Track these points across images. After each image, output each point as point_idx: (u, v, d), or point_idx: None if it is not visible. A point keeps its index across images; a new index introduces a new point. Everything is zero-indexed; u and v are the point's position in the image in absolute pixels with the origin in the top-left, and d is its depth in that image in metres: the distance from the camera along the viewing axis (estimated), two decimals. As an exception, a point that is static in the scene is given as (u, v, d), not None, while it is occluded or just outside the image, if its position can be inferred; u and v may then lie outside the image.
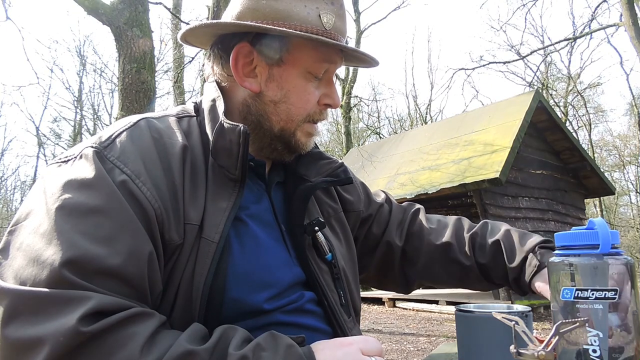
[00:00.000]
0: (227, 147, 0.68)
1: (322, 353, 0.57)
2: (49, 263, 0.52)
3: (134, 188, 0.60)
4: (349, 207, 0.95)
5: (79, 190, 0.58)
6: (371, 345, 0.60)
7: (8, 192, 18.59)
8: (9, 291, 0.51)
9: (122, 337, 0.50)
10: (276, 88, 0.73)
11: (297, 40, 0.72)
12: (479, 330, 0.64)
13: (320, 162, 0.84)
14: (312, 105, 0.75)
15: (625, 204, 22.64)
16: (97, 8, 4.42)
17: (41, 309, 0.50)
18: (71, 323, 0.48)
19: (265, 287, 0.68)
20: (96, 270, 0.53)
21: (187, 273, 0.63)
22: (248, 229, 0.71)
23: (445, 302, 7.82)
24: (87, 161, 0.61)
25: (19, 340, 0.49)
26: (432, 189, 7.34)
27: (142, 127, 0.68)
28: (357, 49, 0.75)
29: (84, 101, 18.50)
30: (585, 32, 13.49)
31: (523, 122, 7.45)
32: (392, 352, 5.05)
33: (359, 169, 10.14)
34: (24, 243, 0.55)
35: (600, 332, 0.49)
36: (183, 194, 0.65)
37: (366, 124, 22.21)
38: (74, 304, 0.49)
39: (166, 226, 0.62)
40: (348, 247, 0.90)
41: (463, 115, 10.11)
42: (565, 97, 18.61)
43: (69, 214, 0.56)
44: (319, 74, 0.74)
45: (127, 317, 0.51)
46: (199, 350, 0.51)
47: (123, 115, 4.20)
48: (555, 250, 0.57)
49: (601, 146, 22.05)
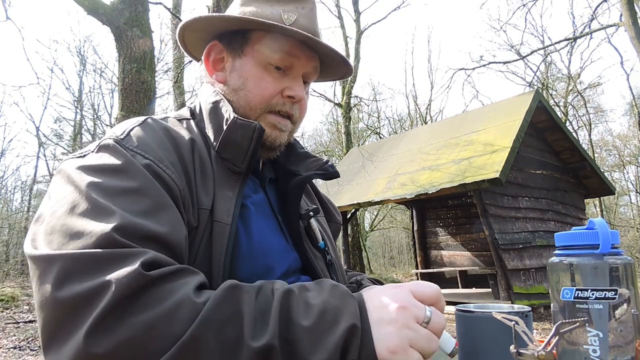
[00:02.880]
0: (237, 142, 0.74)
1: (369, 291, 0.57)
2: (97, 232, 0.52)
3: (159, 170, 0.64)
4: (332, 218, 1.04)
5: (111, 174, 0.60)
6: (422, 288, 0.58)
7: (8, 192, 18.59)
8: (59, 256, 0.51)
9: (179, 284, 0.52)
10: (237, 77, 0.81)
11: (256, 34, 0.80)
12: (479, 330, 0.64)
13: (308, 159, 0.89)
14: (269, 93, 0.79)
15: (625, 204, 22.65)
16: (97, 8, 4.42)
17: (98, 266, 0.50)
18: (134, 267, 0.50)
19: (267, 271, 0.72)
20: (144, 236, 0.55)
21: (201, 254, 0.66)
22: (252, 215, 0.75)
23: (445, 302, 7.81)
24: (110, 150, 0.64)
25: (77, 296, 0.48)
26: (432, 189, 7.34)
27: (151, 123, 0.73)
28: (319, 40, 0.78)
29: (84, 101, 18.49)
30: (586, 32, 13.49)
31: (523, 122, 7.45)
32: (392, 352, 5.03)
33: (359, 169, 10.14)
34: (57, 225, 0.55)
35: (600, 332, 0.49)
36: (195, 181, 0.69)
37: (366, 124, 22.19)
38: (132, 257, 0.51)
39: (187, 208, 0.66)
40: (333, 246, 0.94)
41: (463, 115, 10.11)
42: (565, 97, 18.60)
43: (106, 194, 0.57)
44: (280, 64, 0.79)
45: (181, 269, 0.54)
46: (246, 285, 0.54)
47: (123, 115, 4.20)
48: (556, 250, 0.57)
49: (601, 146, 22.05)
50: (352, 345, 0.50)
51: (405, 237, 20.86)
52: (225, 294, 0.52)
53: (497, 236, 7.07)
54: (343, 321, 0.51)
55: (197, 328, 0.48)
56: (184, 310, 0.49)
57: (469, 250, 9.88)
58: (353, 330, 0.51)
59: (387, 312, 0.53)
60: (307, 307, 0.53)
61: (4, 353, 4.94)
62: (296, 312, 0.52)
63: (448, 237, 10.36)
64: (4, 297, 7.73)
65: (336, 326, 0.51)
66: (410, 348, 0.52)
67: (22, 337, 5.63)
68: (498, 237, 7.07)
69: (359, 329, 0.51)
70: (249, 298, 0.52)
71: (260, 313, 0.52)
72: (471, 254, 9.81)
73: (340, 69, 0.88)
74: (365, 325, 0.52)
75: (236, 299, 0.52)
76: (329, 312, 0.52)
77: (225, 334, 0.49)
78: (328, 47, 0.79)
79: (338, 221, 1.06)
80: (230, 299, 0.52)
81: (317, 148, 20.79)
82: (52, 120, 22.42)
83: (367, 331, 0.52)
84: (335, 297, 0.54)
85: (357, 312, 0.53)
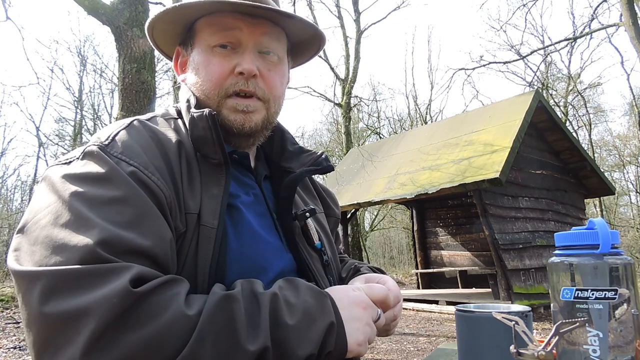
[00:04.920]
0: (202, 135, 0.72)
1: (335, 292, 0.65)
2: (80, 246, 0.52)
3: (144, 177, 0.62)
4: (331, 213, 1.01)
5: (94, 183, 0.59)
6: (376, 291, 0.69)
7: (8, 192, 18.58)
8: (42, 272, 0.50)
9: (168, 297, 0.53)
10: (192, 70, 0.80)
11: (199, 23, 0.79)
12: (479, 330, 0.64)
13: (302, 155, 0.87)
14: (218, 76, 0.75)
15: (625, 204, 22.65)
16: (97, 8, 4.42)
17: (83, 283, 0.50)
18: (123, 285, 0.50)
19: (260, 273, 0.70)
20: (128, 250, 0.54)
21: (189, 259, 0.65)
22: (242, 216, 0.73)
23: (445, 302, 7.82)
24: (94, 157, 0.62)
25: (65, 313, 0.48)
26: (432, 189, 7.34)
27: (137, 126, 0.71)
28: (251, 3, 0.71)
29: (84, 101, 18.49)
30: (586, 32, 13.49)
31: (523, 122, 7.45)
32: (392, 352, 5.05)
33: (359, 169, 10.14)
34: (40, 236, 0.54)
35: (600, 332, 0.49)
36: (182, 186, 0.68)
37: (366, 124, 22.18)
38: (117, 273, 0.51)
39: (174, 214, 0.64)
40: (331, 243, 0.92)
41: (463, 115, 10.11)
42: (565, 97, 18.60)
43: (90, 205, 0.56)
44: (223, 42, 0.76)
45: (167, 281, 0.55)
46: (234, 293, 0.57)
47: (123, 115, 4.19)
48: (556, 250, 0.57)
49: (601, 146, 22.05)
50: (330, 339, 0.59)
51: (405, 237, 20.87)
52: (218, 304, 0.55)
53: (497, 236, 7.07)
54: (322, 319, 0.59)
55: (195, 342, 0.50)
56: (179, 325, 0.51)
57: (469, 250, 9.88)
58: (331, 326, 0.59)
59: (355, 312, 0.63)
60: (289, 307, 0.58)
61: (4, 353, 4.94)
62: (282, 313, 0.57)
63: (448, 237, 10.36)
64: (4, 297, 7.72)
65: (317, 323, 0.58)
66: (366, 341, 0.63)
67: (22, 337, 5.63)
68: (498, 237, 7.07)
69: (335, 325, 0.60)
70: (239, 305, 0.55)
71: (251, 317, 0.55)
72: (471, 254, 9.81)
73: (306, 31, 0.82)
74: (340, 321, 0.61)
75: (228, 308, 0.55)
76: (309, 311, 0.59)
77: (221, 343, 0.52)
78: (269, 8, 0.73)
79: (337, 215, 1.04)
80: (223, 308, 0.54)
81: (317, 148, 20.60)
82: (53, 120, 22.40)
83: (341, 327, 0.60)
84: (312, 297, 0.61)
85: (332, 311, 0.61)
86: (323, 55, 15.11)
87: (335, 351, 0.59)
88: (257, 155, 0.89)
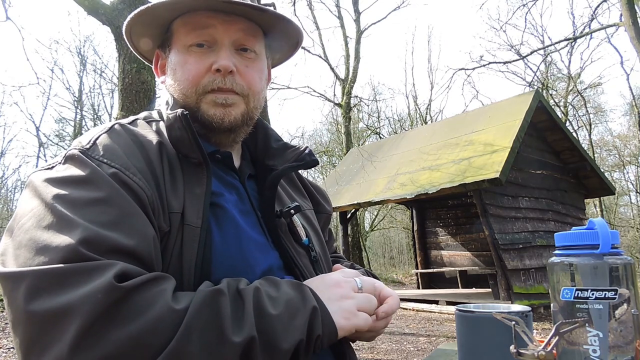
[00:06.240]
0: (179, 135, 0.72)
1: (311, 282, 0.68)
2: (63, 246, 0.52)
3: (126, 179, 0.62)
4: (321, 209, 1.01)
5: (76, 186, 0.60)
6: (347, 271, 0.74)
7: (8, 192, 18.57)
8: (26, 272, 0.51)
9: (154, 293, 0.53)
10: (170, 72, 0.81)
11: (174, 26, 0.80)
12: (479, 330, 0.64)
13: (286, 151, 0.87)
14: (194, 74, 0.76)
15: (625, 204, 22.65)
16: (97, 8, 4.42)
17: (68, 281, 0.50)
18: (107, 281, 0.50)
19: (246, 270, 0.70)
20: (111, 249, 0.55)
21: (174, 259, 0.65)
22: (226, 214, 0.73)
23: (445, 302, 7.82)
24: (75, 161, 0.63)
25: (50, 311, 0.49)
26: (432, 189, 7.34)
27: (118, 129, 0.72)
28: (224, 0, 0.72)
29: (84, 101, 18.49)
30: (586, 32, 13.49)
31: (523, 122, 7.45)
32: (392, 352, 5.05)
33: (359, 169, 10.14)
34: (24, 239, 0.55)
35: (600, 332, 0.49)
36: (164, 186, 0.68)
37: (366, 124, 22.17)
38: (101, 270, 0.51)
39: (157, 213, 0.65)
40: (320, 240, 0.92)
41: (463, 115, 10.11)
42: (565, 97, 18.61)
43: (72, 206, 0.57)
44: (199, 41, 0.76)
45: (154, 277, 0.55)
46: (220, 287, 0.58)
47: (123, 115, 4.19)
48: (556, 250, 0.57)
49: (601, 146, 22.05)
50: (316, 323, 0.60)
51: (405, 237, 20.86)
52: (204, 299, 0.56)
53: (497, 236, 7.08)
54: (305, 306, 0.61)
55: (182, 336, 0.51)
56: (166, 321, 0.51)
57: (469, 250, 9.88)
58: (314, 311, 0.61)
59: (331, 292, 0.66)
60: (272, 299, 0.60)
61: (4, 353, 4.93)
62: (265, 305, 0.58)
63: (448, 237, 10.36)
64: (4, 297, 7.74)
65: (300, 311, 0.60)
66: (358, 311, 0.65)
67: (22, 337, 5.61)
68: (498, 237, 7.07)
69: (318, 309, 0.61)
70: (225, 299, 0.57)
71: (235, 310, 0.56)
72: (471, 254, 9.82)
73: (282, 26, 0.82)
74: (322, 305, 0.63)
75: (214, 302, 0.56)
76: (292, 301, 0.61)
77: (208, 336, 0.53)
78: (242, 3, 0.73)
79: (328, 212, 1.04)
80: (210, 303, 0.55)
81: (317, 148, 20.74)
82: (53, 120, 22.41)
83: (325, 309, 0.62)
84: (292, 289, 0.63)
85: (312, 297, 0.63)
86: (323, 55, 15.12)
87: (325, 334, 0.60)
88: (242, 154, 0.89)
